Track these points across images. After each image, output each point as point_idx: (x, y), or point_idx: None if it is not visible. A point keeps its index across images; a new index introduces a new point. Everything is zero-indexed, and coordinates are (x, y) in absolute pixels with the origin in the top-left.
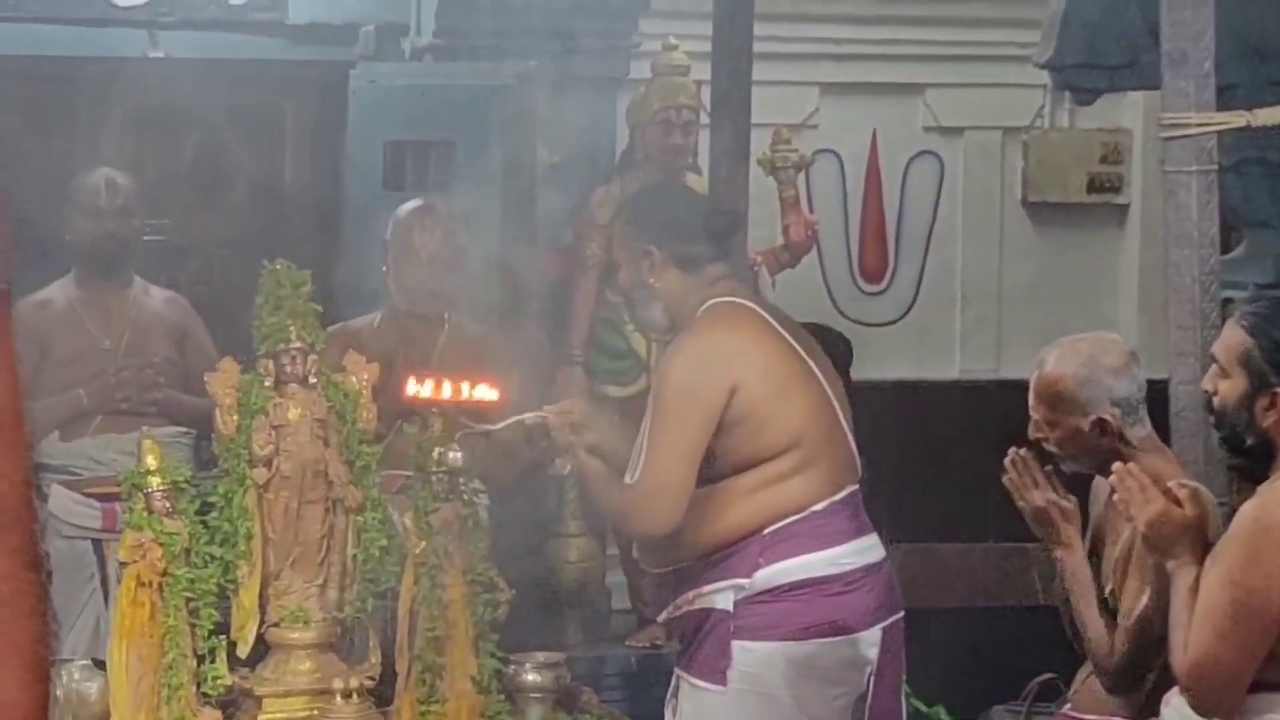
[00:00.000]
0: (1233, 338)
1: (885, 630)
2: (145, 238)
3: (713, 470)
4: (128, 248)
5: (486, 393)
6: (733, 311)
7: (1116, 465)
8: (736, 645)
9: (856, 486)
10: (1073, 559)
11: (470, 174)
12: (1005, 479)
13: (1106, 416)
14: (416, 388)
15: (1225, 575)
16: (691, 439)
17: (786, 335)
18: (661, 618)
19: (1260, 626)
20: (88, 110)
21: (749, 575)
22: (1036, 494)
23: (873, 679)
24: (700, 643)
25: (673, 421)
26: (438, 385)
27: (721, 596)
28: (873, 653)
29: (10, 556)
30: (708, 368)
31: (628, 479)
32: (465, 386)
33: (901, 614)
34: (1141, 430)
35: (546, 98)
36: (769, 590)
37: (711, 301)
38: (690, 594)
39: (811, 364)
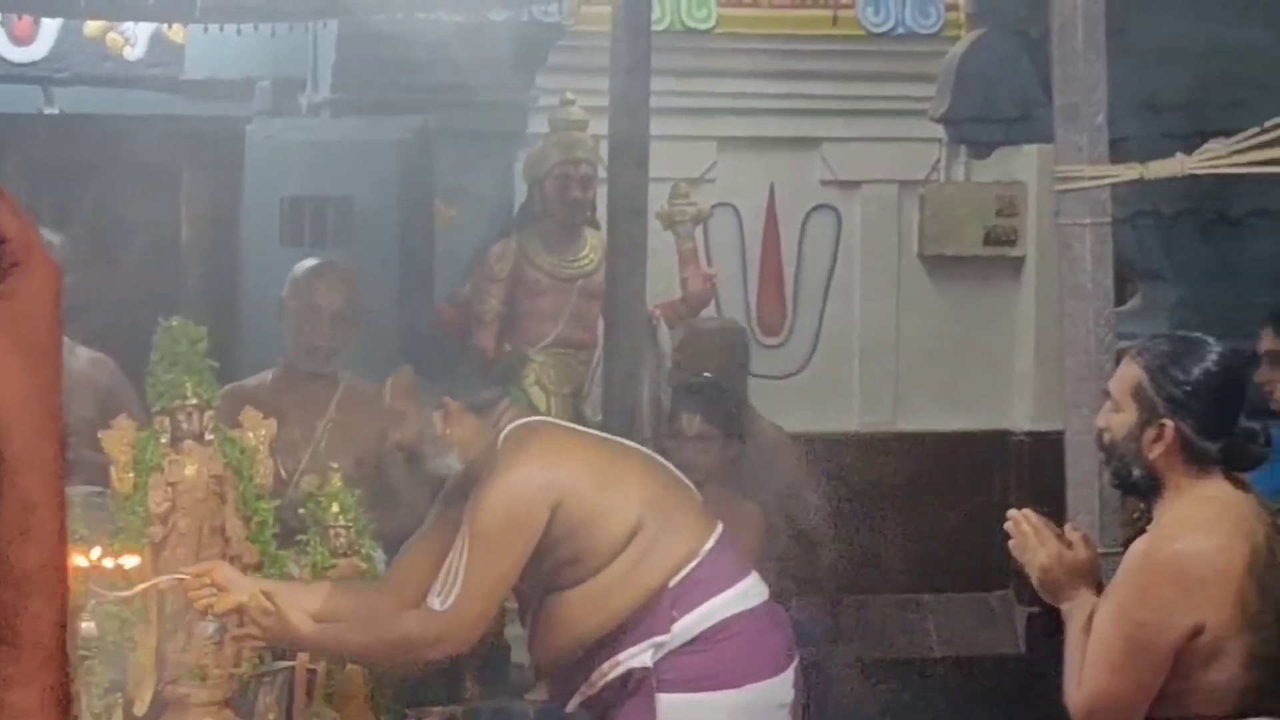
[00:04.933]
0: (1126, 372)
1: (795, 670)
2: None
3: (574, 576)
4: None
5: (122, 560)
6: (530, 430)
7: (1011, 511)
8: (665, 699)
9: (722, 525)
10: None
11: (368, 229)
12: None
13: None
14: None
15: (1118, 610)
16: (509, 572)
17: (581, 429)
18: (574, 705)
19: (1152, 660)
20: None
21: (666, 630)
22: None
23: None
24: (620, 704)
25: (492, 556)
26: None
27: (639, 658)
28: (791, 693)
29: (43, 693)
30: (523, 500)
31: (435, 603)
32: (100, 554)
33: (798, 655)
34: None
35: (444, 152)
36: (696, 639)
37: (508, 429)
38: (605, 666)
39: (623, 440)
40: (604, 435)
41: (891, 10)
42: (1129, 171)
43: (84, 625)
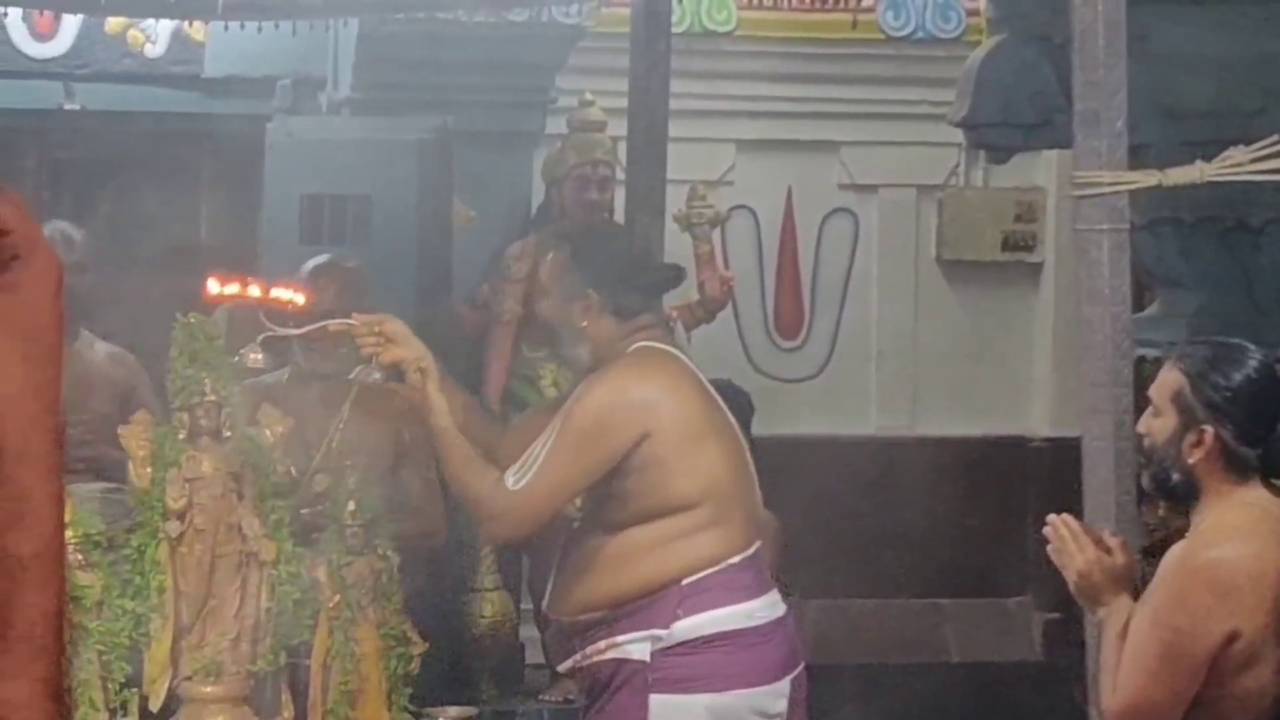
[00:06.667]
0: (1167, 377)
1: (792, 682)
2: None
3: (619, 516)
4: (79, 303)
5: (292, 295)
6: (659, 357)
7: (1050, 516)
8: (655, 699)
9: (760, 542)
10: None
11: (386, 227)
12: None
13: None
14: (219, 288)
15: (1153, 616)
16: (585, 474)
17: (708, 386)
18: (565, 666)
19: (1188, 667)
20: (1, 162)
21: (667, 626)
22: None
23: None
24: (613, 695)
25: (575, 452)
26: (244, 285)
27: (637, 647)
28: (781, 704)
29: (34, 685)
30: (622, 411)
31: (510, 482)
32: (271, 287)
33: (803, 666)
34: None
35: (463, 152)
36: (688, 642)
37: (640, 344)
38: (603, 643)
39: (730, 416)
40: (723, 405)
41: (912, 14)
42: (1147, 178)
43: (252, 357)
